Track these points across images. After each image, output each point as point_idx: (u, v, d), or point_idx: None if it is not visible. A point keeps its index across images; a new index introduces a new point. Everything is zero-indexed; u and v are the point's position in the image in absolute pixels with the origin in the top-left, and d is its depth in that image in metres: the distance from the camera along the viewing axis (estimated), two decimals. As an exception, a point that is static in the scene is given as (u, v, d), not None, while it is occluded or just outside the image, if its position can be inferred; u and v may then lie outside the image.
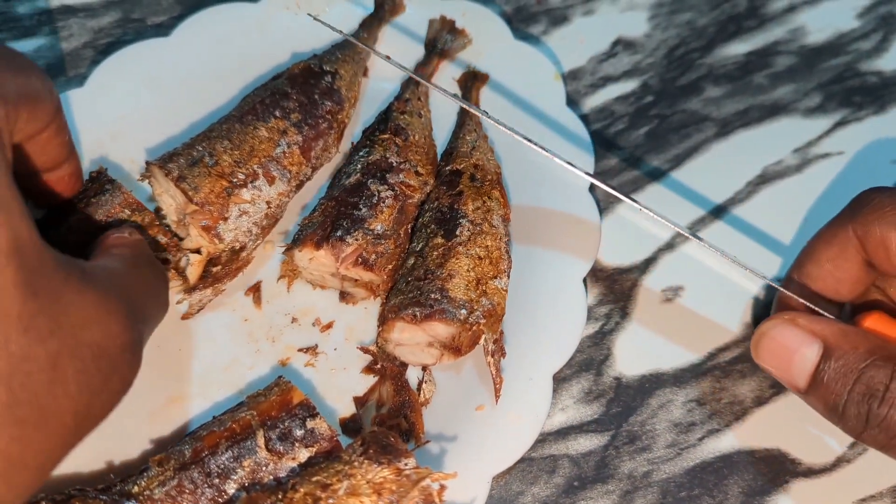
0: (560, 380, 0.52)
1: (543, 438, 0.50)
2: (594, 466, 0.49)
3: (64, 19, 0.62)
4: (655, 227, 0.57)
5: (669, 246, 0.57)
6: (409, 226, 0.53)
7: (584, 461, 0.50)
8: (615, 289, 0.55)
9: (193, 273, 0.50)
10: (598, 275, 0.56)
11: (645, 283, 0.55)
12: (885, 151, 0.62)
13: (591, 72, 0.64)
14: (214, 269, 0.51)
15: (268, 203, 0.52)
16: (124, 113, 0.56)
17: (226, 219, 0.50)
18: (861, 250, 0.44)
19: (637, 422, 0.51)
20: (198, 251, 0.50)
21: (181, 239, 0.50)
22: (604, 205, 0.58)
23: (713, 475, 0.49)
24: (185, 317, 0.52)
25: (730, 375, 0.52)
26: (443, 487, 0.42)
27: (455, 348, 0.49)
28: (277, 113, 0.53)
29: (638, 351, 0.53)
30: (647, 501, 0.48)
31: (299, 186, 0.54)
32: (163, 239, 0.48)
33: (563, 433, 0.50)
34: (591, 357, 0.53)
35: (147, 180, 0.52)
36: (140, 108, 0.57)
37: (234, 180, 0.50)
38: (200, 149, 0.51)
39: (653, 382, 0.52)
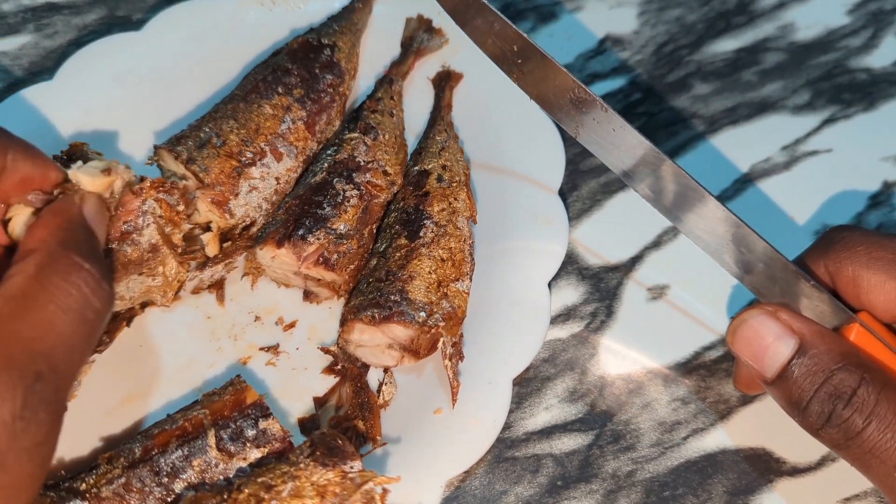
0: (545, 379, 0.52)
1: (528, 438, 0.50)
2: (578, 466, 0.49)
3: (48, 17, 0.62)
4: (642, 225, 0.57)
5: (656, 244, 0.57)
6: (375, 226, 0.53)
7: (568, 460, 0.49)
8: (601, 287, 0.55)
9: (212, 248, 0.51)
10: (583, 273, 0.56)
11: (631, 282, 0.55)
12: (874, 149, 0.61)
13: (579, 69, 0.64)
14: (225, 245, 0.52)
15: (277, 179, 0.52)
16: (93, 107, 0.56)
17: (236, 195, 0.50)
18: (831, 285, 0.45)
19: (621, 421, 0.51)
20: (208, 227, 0.51)
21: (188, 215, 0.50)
22: (590, 203, 0.58)
23: (697, 474, 0.49)
24: (195, 291, 0.52)
25: (715, 374, 0.52)
26: (385, 491, 0.42)
27: (414, 350, 0.49)
28: (280, 89, 0.54)
29: (623, 350, 0.53)
30: (631, 501, 0.48)
31: (306, 161, 0.55)
32: (163, 211, 0.47)
33: (547, 432, 0.50)
34: (575, 356, 0.53)
35: (155, 164, 0.52)
36: (110, 103, 0.56)
37: (243, 159, 0.51)
38: (207, 130, 0.52)
39: (638, 381, 0.52)
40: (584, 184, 0.59)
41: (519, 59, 0.46)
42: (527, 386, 0.52)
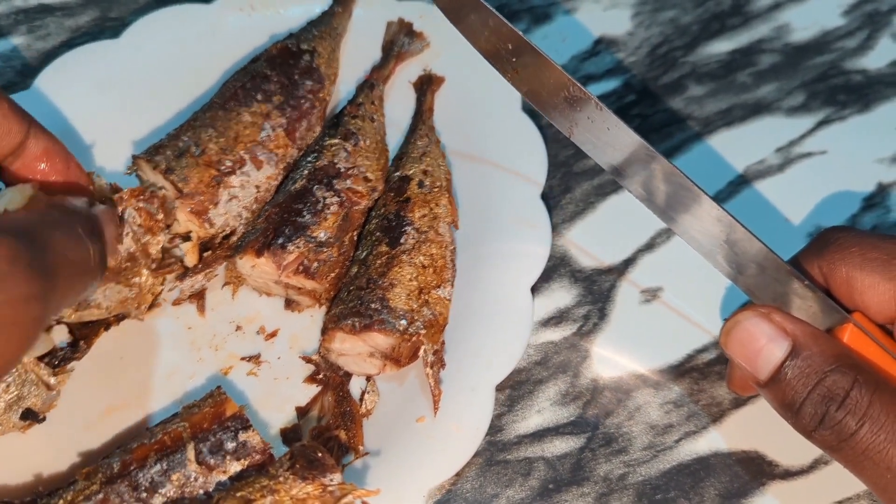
0: (536, 382, 0.52)
1: (519, 441, 0.50)
2: (570, 469, 0.49)
3: (41, 18, 0.62)
4: (635, 228, 0.57)
5: (649, 247, 0.57)
6: (355, 233, 0.53)
7: (560, 463, 0.49)
8: (594, 290, 0.55)
9: (191, 258, 0.51)
10: (576, 276, 0.55)
11: (624, 285, 0.55)
12: (869, 150, 0.61)
13: (573, 70, 0.63)
14: (206, 255, 0.52)
15: (257, 187, 0.52)
16: (70, 117, 0.56)
17: (216, 204, 0.50)
18: (825, 286, 0.45)
19: (614, 424, 0.51)
20: (187, 236, 0.50)
21: (167, 225, 0.50)
22: (583, 205, 0.58)
23: (690, 477, 0.49)
24: (176, 302, 0.52)
25: (708, 377, 0.52)
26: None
27: (395, 359, 0.48)
28: (259, 97, 0.54)
29: (616, 352, 0.53)
30: (623, 504, 0.48)
31: (287, 168, 0.54)
32: (142, 220, 0.48)
33: (539, 435, 0.50)
34: (568, 359, 0.52)
35: (134, 173, 0.52)
36: (87, 112, 0.56)
37: (222, 168, 0.51)
38: (186, 139, 0.51)
39: (630, 384, 0.52)
40: (578, 186, 0.59)
41: (513, 58, 0.46)
42: (518, 389, 0.51)
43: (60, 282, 0.35)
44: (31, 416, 0.46)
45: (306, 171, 0.53)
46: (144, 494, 0.42)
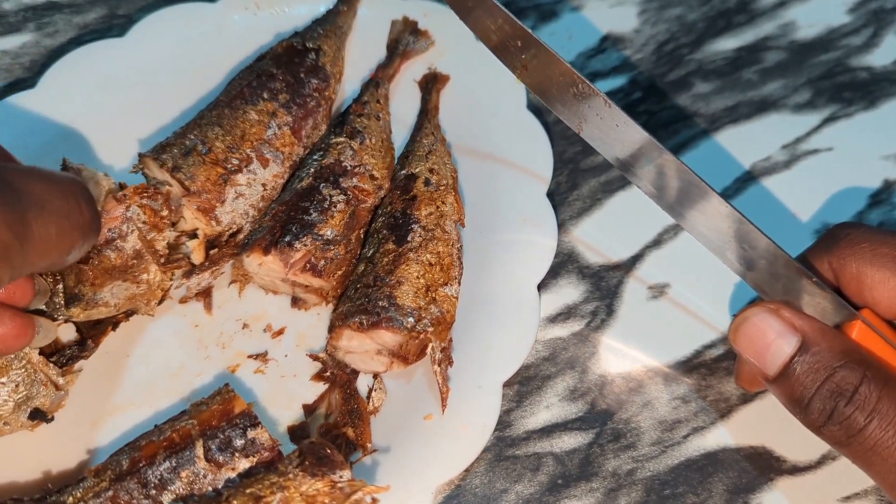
0: (545, 377, 0.52)
1: (528, 436, 0.50)
2: (578, 464, 0.49)
3: (49, 15, 0.62)
4: (643, 224, 0.57)
5: (656, 243, 0.57)
6: (362, 231, 0.53)
7: (569, 459, 0.49)
8: (601, 286, 0.55)
9: (198, 255, 0.51)
10: (584, 272, 0.56)
11: (631, 281, 0.55)
12: (875, 147, 0.61)
13: (580, 68, 0.64)
14: (212, 252, 0.52)
15: (263, 185, 0.52)
16: (77, 115, 0.56)
17: (222, 202, 0.50)
18: (834, 282, 0.45)
19: (622, 419, 0.51)
20: (194, 234, 0.51)
21: (173, 223, 0.50)
22: (591, 201, 0.58)
23: (698, 473, 0.49)
24: (182, 300, 0.52)
25: (715, 373, 0.52)
26: (375, 500, 0.42)
27: (403, 356, 0.48)
28: (265, 95, 0.54)
29: (624, 348, 0.53)
30: (631, 499, 0.48)
31: (293, 167, 0.54)
32: (147, 217, 0.48)
33: (548, 431, 0.50)
34: (576, 355, 0.53)
35: (140, 172, 0.52)
36: (93, 111, 0.56)
37: (229, 166, 0.51)
38: (193, 137, 0.51)
39: (638, 380, 0.52)
40: (585, 182, 0.59)
41: (522, 55, 0.46)
42: (527, 385, 0.52)
43: (36, 221, 0.36)
44: (39, 416, 0.46)
45: (312, 170, 0.53)
46: (154, 491, 0.42)
